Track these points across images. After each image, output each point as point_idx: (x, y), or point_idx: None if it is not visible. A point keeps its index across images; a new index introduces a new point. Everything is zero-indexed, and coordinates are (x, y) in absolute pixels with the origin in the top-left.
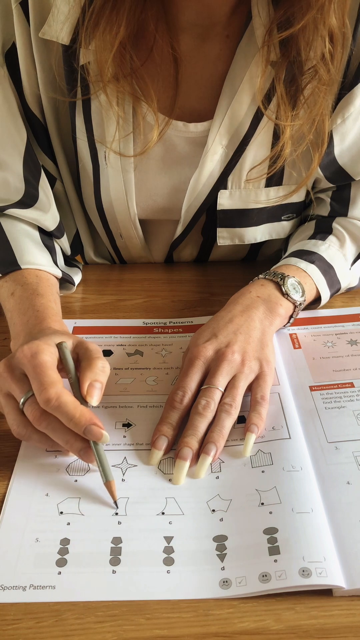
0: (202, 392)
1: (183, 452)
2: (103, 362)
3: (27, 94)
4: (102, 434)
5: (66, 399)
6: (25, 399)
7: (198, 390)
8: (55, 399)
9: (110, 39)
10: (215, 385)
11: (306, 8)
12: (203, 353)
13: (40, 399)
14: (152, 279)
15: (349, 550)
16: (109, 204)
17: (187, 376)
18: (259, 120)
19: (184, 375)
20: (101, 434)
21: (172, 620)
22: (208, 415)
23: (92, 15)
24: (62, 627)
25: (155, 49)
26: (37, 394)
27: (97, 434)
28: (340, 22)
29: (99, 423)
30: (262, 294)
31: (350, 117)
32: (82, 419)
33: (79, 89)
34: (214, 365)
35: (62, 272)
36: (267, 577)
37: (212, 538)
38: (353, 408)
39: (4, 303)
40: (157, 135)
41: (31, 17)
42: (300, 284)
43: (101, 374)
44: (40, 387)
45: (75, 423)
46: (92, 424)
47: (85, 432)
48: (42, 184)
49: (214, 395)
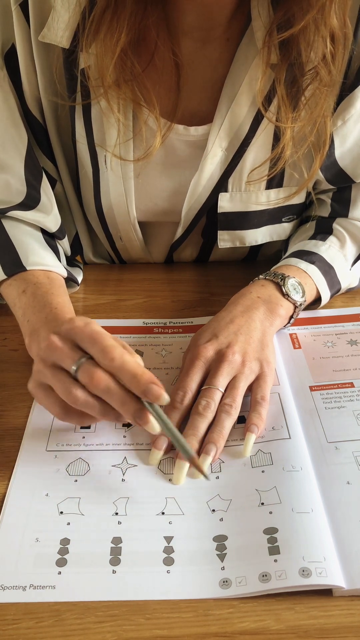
0: (202, 392)
1: None
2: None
3: (27, 96)
4: (160, 393)
5: (129, 358)
6: (78, 366)
7: (198, 391)
8: (119, 358)
9: (112, 45)
10: (215, 385)
11: (306, 8)
12: (204, 353)
13: (104, 359)
14: (152, 279)
15: (348, 550)
16: (108, 208)
17: (188, 376)
18: (259, 123)
19: (185, 375)
20: (160, 393)
21: (172, 620)
22: (208, 415)
23: (93, 22)
24: (62, 627)
25: (157, 55)
26: (101, 355)
27: (157, 393)
28: (341, 22)
29: (159, 383)
30: (263, 294)
31: (351, 119)
32: (144, 376)
33: (78, 93)
34: (215, 366)
35: (67, 272)
36: (267, 577)
37: (212, 538)
38: (353, 408)
39: (13, 301)
40: (160, 140)
41: (31, 19)
42: (300, 284)
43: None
44: (104, 348)
45: (137, 381)
46: (152, 383)
47: (146, 391)
48: (43, 186)
49: (214, 396)
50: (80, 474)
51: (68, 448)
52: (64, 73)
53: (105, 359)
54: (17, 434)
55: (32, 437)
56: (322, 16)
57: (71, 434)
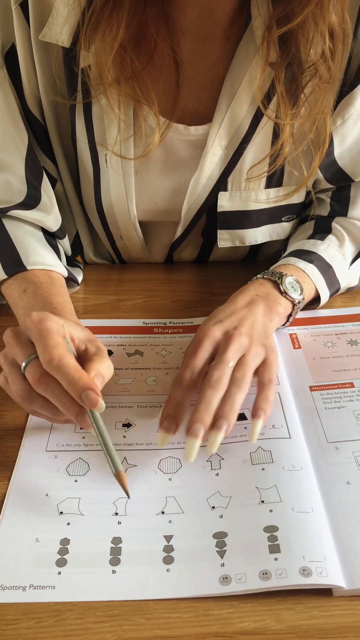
0: (213, 366)
1: (195, 429)
2: (111, 364)
3: (27, 95)
4: (97, 400)
5: (68, 361)
6: (28, 362)
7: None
8: (57, 359)
9: (110, 40)
10: (226, 360)
11: (305, 3)
12: (211, 333)
13: (43, 359)
14: (152, 279)
15: (349, 550)
16: (109, 206)
17: (196, 356)
18: (259, 121)
19: (192, 355)
20: (97, 400)
21: (172, 620)
22: (221, 388)
23: (92, 18)
24: (62, 627)
25: (156, 52)
26: (41, 354)
27: (93, 399)
28: (340, 19)
29: (97, 390)
30: (261, 292)
31: (351, 118)
32: (80, 381)
33: (79, 92)
34: (223, 344)
35: (68, 271)
36: (267, 575)
37: (211, 534)
38: (353, 408)
39: (14, 300)
40: (159, 138)
41: (31, 18)
42: (298, 282)
43: (107, 370)
44: (44, 348)
45: (73, 385)
46: (89, 389)
47: (82, 397)
48: (44, 185)
49: (225, 369)
50: (80, 474)
51: (68, 448)
52: (64, 72)
53: (44, 359)
54: (17, 434)
55: (32, 437)
56: (320, 12)
57: (71, 434)
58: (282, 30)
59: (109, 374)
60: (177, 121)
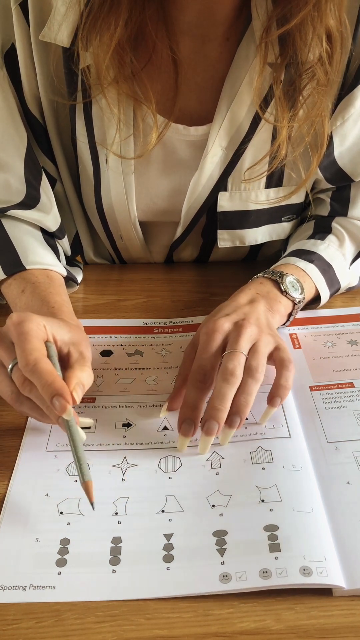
0: (226, 357)
1: (210, 427)
2: (91, 372)
3: (26, 95)
4: (66, 407)
5: (43, 366)
6: (13, 365)
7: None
8: (32, 364)
9: (107, 39)
10: (239, 349)
11: (302, 4)
12: (220, 325)
13: (20, 363)
14: (152, 279)
15: (349, 550)
16: (109, 206)
17: (207, 352)
18: (258, 122)
19: (203, 350)
20: (65, 406)
21: (172, 620)
22: (236, 382)
23: (90, 16)
24: (62, 627)
25: (155, 52)
26: (19, 358)
27: (62, 406)
28: (337, 21)
29: (67, 397)
30: (262, 291)
31: (351, 118)
32: (52, 386)
33: (79, 92)
34: (234, 334)
35: (67, 271)
36: (267, 574)
37: (211, 533)
38: (353, 408)
39: (13, 301)
40: (156, 137)
41: (31, 18)
42: (298, 281)
43: (87, 379)
44: (21, 352)
45: (45, 390)
46: (58, 395)
47: (52, 403)
48: (43, 185)
49: (240, 359)
50: None
51: (68, 448)
52: (63, 72)
53: (20, 363)
54: (17, 433)
55: (32, 437)
56: (317, 14)
57: None
58: (280, 31)
59: (88, 382)
60: (176, 121)
